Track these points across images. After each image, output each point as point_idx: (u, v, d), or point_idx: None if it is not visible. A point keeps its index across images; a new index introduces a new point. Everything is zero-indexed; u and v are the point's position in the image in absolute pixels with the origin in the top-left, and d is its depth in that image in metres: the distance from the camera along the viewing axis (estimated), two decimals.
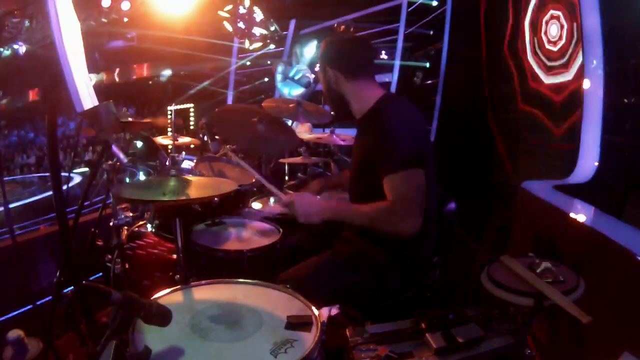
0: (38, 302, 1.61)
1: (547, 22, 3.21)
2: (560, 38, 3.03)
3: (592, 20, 2.62)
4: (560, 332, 1.76)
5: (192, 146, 3.69)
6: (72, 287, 1.63)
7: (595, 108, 2.59)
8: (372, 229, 1.65)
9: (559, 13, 3.03)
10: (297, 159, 3.07)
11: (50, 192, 1.58)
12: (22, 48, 6.04)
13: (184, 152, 2.82)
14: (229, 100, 7.69)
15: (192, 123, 4.83)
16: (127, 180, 2.59)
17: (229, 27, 6.33)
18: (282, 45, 7.06)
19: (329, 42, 1.91)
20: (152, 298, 1.31)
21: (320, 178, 2.48)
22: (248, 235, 2.06)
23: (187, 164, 2.72)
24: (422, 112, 1.93)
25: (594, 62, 2.59)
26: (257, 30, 6.54)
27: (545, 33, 3.23)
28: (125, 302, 1.00)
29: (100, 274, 2.36)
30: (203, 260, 1.90)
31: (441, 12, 5.54)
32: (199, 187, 1.76)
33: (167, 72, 8.19)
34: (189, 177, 1.85)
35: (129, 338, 1.11)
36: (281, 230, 2.05)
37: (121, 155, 1.98)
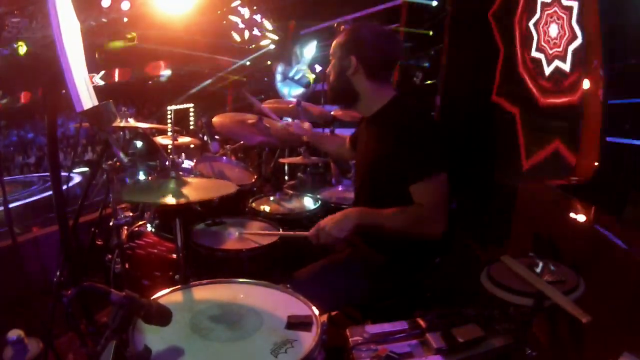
0: (38, 302, 1.61)
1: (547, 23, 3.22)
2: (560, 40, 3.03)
3: (592, 20, 2.62)
4: (560, 332, 1.76)
5: (192, 146, 3.69)
6: (72, 287, 1.63)
7: (595, 108, 2.59)
8: (403, 232, 1.64)
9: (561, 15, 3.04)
10: (297, 159, 3.06)
11: (51, 192, 1.58)
12: (22, 48, 6.03)
13: (183, 154, 2.82)
14: (229, 101, 7.69)
15: (192, 123, 4.83)
16: (127, 180, 2.60)
17: (237, 37, 6.33)
18: (282, 45, 7.06)
19: (360, 31, 1.76)
20: (152, 298, 1.31)
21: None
22: (248, 235, 2.06)
23: (187, 164, 2.72)
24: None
25: (594, 62, 2.59)
26: (257, 30, 6.55)
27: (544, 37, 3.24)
28: (125, 302, 1.00)
29: (100, 273, 2.36)
30: (203, 260, 1.90)
31: (441, 12, 5.54)
32: (198, 189, 1.76)
33: (167, 72, 8.18)
34: (189, 179, 1.85)
35: (129, 338, 1.11)
36: (281, 230, 2.05)
37: (121, 155, 1.97)
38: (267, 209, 2.43)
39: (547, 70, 3.11)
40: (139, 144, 2.80)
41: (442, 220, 1.63)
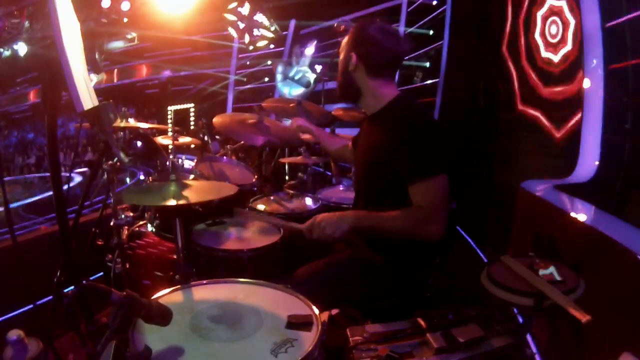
0: (38, 302, 1.61)
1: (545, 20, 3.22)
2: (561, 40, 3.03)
3: (592, 20, 2.62)
4: (560, 332, 1.76)
5: (192, 146, 3.69)
6: (72, 287, 1.63)
7: (595, 108, 2.59)
8: (401, 234, 1.63)
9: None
10: (297, 159, 3.07)
11: (51, 192, 1.58)
12: (22, 48, 6.04)
13: (183, 156, 2.82)
14: (229, 100, 7.70)
15: (192, 123, 4.85)
16: (128, 180, 2.60)
17: (234, 33, 6.33)
18: (282, 45, 7.06)
19: (364, 29, 1.76)
20: (152, 298, 1.31)
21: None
22: (248, 234, 2.07)
23: (187, 164, 2.72)
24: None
25: (594, 62, 2.59)
26: (257, 31, 6.55)
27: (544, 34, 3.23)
28: (125, 302, 1.00)
29: (101, 273, 2.36)
30: (203, 260, 1.90)
31: (441, 12, 5.54)
32: (198, 191, 1.76)
33: (167, 72, 8.19)
34: (189, 182, 1.85)
35: (129, 338, 1.11)
36: (282, 230, 2.05)
37: (121, 156, 1.97)
38: (267, 208, 2.43)
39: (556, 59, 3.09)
40: (139, 144, 2.81)
41: (441, 222, 1.61)
